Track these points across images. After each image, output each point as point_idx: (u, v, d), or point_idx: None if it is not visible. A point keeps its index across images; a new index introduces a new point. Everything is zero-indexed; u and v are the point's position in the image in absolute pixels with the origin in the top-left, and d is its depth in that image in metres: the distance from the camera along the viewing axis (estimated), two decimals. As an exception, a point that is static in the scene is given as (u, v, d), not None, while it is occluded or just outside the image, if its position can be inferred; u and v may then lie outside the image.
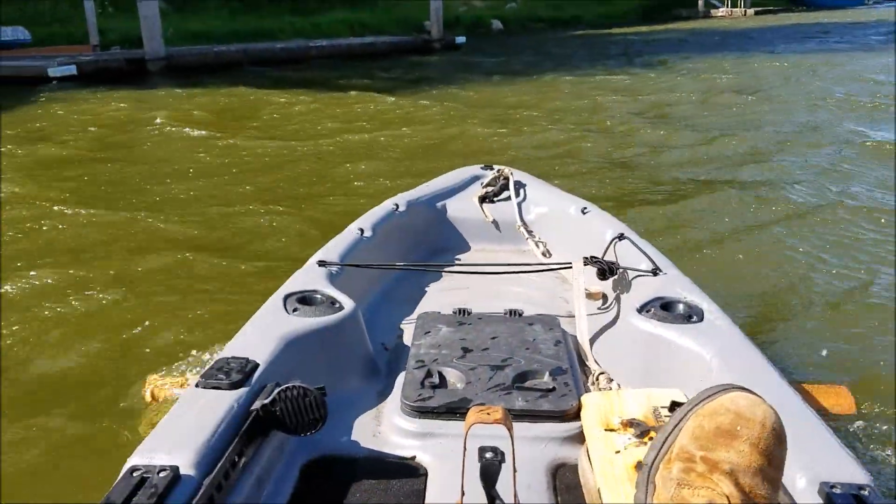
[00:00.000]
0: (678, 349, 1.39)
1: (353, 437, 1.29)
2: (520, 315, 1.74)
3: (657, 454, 0.91)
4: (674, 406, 1.12)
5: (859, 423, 2.09)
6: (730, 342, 1.37)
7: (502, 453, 1.04)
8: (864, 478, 0.94)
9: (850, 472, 0.96)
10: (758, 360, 1.30)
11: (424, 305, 1.90)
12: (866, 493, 0.90)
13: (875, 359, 2.68)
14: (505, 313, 1.75)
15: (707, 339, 1.38)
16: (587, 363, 1.57)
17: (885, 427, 2.20)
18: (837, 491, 0.91)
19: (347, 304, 1.54)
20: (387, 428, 1.31)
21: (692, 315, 1.48)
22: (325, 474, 1.19)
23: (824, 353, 2.74)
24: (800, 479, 0.95)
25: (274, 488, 1.14)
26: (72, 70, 12.24)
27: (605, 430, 1.21)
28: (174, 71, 13.63)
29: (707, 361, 1.32)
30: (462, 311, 1.75)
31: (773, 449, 0.86)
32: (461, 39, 19.74)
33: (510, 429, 1.02)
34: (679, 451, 0.89)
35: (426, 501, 1.11)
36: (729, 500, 0.82)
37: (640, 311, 1.51)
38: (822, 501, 0.91)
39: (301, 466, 1.21)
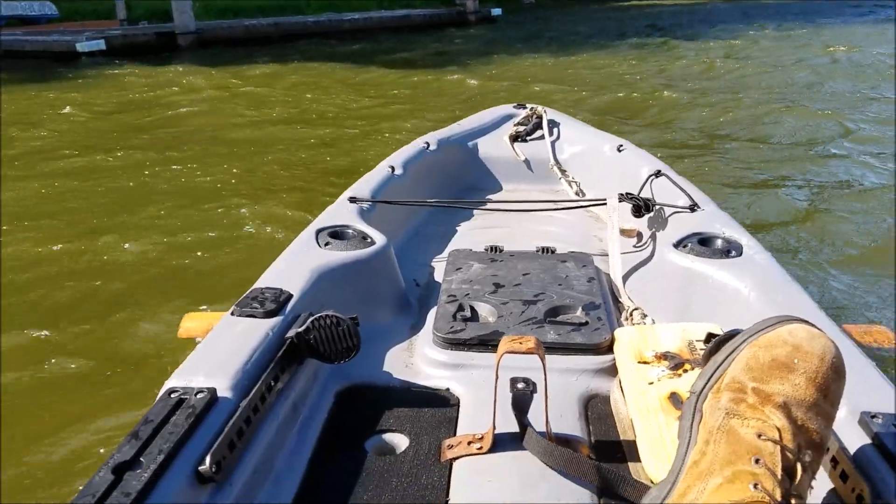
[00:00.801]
0: (715, 284, 1.37)
1: (385, 368, 1.30)
2: (552, 252, 1.72)
3: (706, 382, 0.89)
4: (709, 338, 1.10)
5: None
6: (769, 277, 1.34)
7: (534, 384, 1.04)
8: None
9: (892, 402, 0.94)
10: (797, 295, 1.26)
11: (456, 243, 1.89)
12: None
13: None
14: (537, 250, 1.74)
15: (745, 273, 1.35)
16: (621, 299, 1.56)
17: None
18: (879, 421, 0.89)
19: (379, 238, 1.53)
20: (419, 359, 1.32)
21: (730, 250, 1.44)
22: (358, 402, 1.20)
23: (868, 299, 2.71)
24: (840, 409, 0.93)
25: (309, 413, 1.16)
26: (100, 45, 12.12)
27: (639, 362, 1.20)
28: (204, 45, 13.48)
29: (745, 296, 1.29)
30: (494, 249, 1.74)
31: (831, 383, 0.84)
32: (497, 11, 19.17)
33: (542, 358, 1.01)
34: (730, 381, 0.87)
35: (458, 429, 1.12)
36: (780, 433, 0.80)
37: (676, 246, 1.48)
38: (862, 431, 0.89)
39: (335, 393, 1.22)
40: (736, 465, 0.79)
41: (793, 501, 0.76)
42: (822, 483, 0.90)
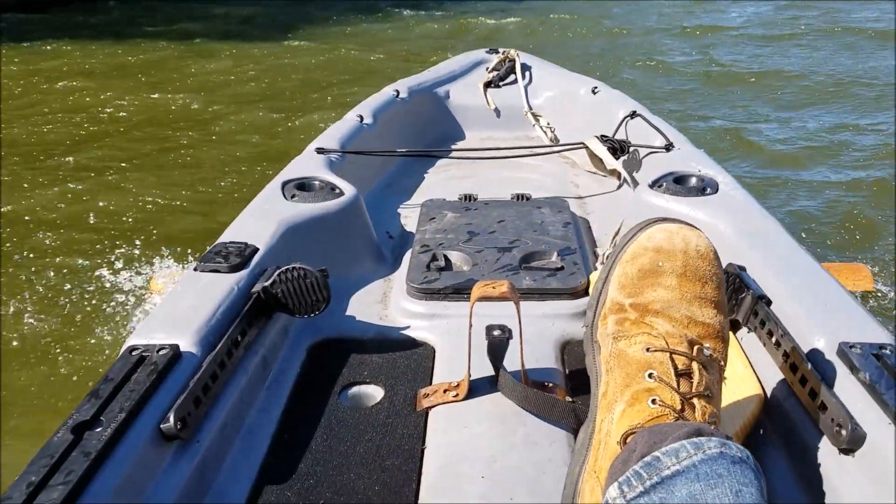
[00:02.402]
0: (692, 222, 1.34)
1: (358, 320, 1.27)
2: (527, 199, 1.69)
3: (594, 313, 0.87)
4: None
5: (878, 298, 2.08)
6: (745, 213, 1.31)
7: (510, 330, 1.02)
8: (885, 337, 0.91)
9: (870, 332, 0.92)
10: (774, 229, 1.24)
11: (428, 193, 1.85)
12: (887, 351, 0.87)
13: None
14: (512, 198, 1.70)
15: (722, 211, 1.33)
16: (597, 243, 1.53)
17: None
18: (857, 351, 0.88)
19: (348, 190, 1.49)
20: (393, 310, 1.29)
21: (706, 188, 1.42)
22: (331, 355, 1.17)
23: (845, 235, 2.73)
24: (818, 340, 0.92)
25: (280, 369, 1.13)
26: None
27: None
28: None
29: (722, 233, 1.27)
30: (468, 197, 1.70)
31: (704, 271, 0.82)
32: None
33: (517, 302, 0.99)
34: (611, 305, 0.85)
35: (434, 379, 1.10)
36: (666, 340, 0.78)
37: (651, 186, 1.45)
38: (840, 362, 0.88)
39: (307, 348, 1.19)
40: (632, 386, 0.78)
41: (696, 401, 0.75)
42: (802, 415, 0.89)
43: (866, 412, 0.80)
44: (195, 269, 1.14)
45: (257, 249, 1.20)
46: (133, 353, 0.91)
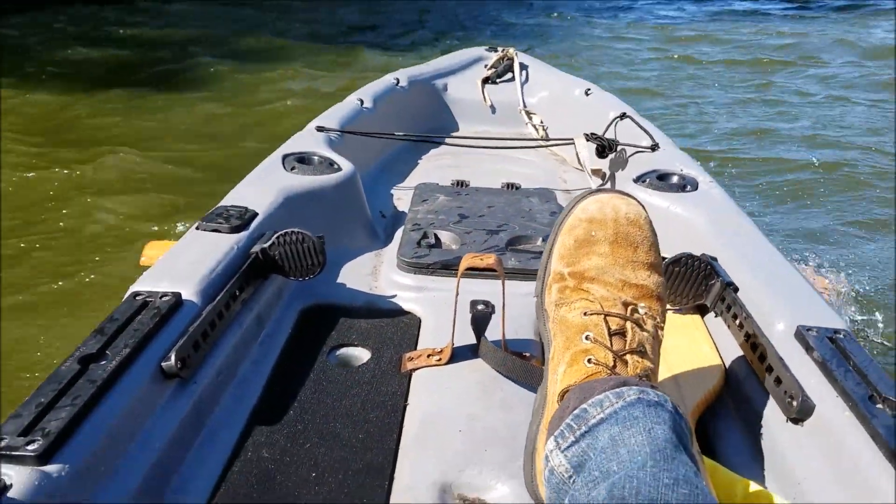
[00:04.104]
0: (671, 216, 1.42)
1: (349, 288, 1.33)
2: (517, 188, 1.76)
3: (541, 283, 0.93)
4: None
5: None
6: (721, 210, 1.39)
7: (493, 306, 1.08)
8: (840, 323, 0.98)
9: (827, 319, 1.00)
10: (747, 225, 1.32)
11: (422, 178, 1.91)
12: (841, 336, 0.94)
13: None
14: (503, 186, 1.77)
15: (700, 207, 1.40)
16: None
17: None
18: (813, 334, 0.95)
19: (346, 166, 1.55)
20: (383, 282, 1.35)
21: (686, 185, 1.49)
22: (322, 319, 1.23)
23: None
24: (778, 324, 0.99)
25: (273, 328, 1.19)
26: None
27: None
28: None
29: (699, 227, 1.35)
30: (460, 183, 1.77)
31: (636, 236, 0.87)
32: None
33: (502, 275, 1.05)
34: (553, 275, 0.90)
35: (419, 346, 1.16)
36: (601, 303, 0.84)
37: (635, 181, 1.53)
38: (798, 343, 0.95)
39: (300, 310, 1.25)
40: (571, 348, 0.83)
41: (628, 357, 0.80)
42: (759, 389, 0.96)
43: (817, 387, 0.87)
44: (197, 228, 1.20)
45: (256, 214, 1.26)
46: (137, 298, 0.97)
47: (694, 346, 1.08)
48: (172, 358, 0.88)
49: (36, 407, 0.73)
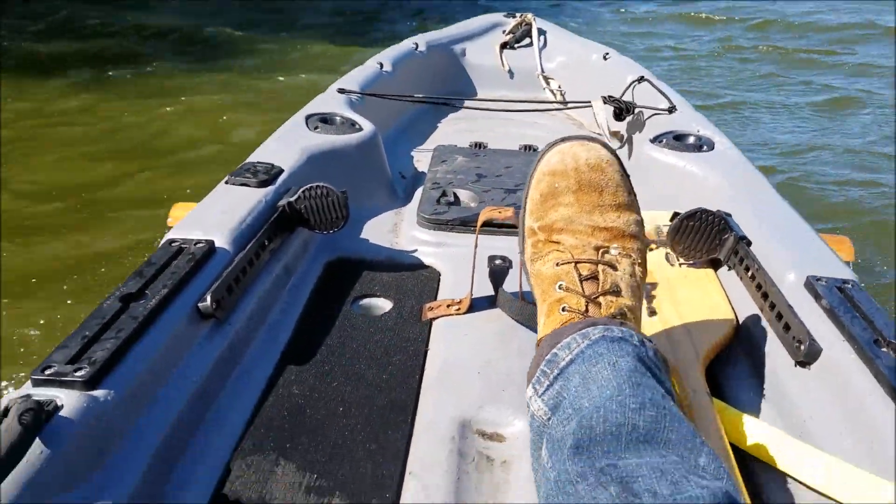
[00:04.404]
0: (687, 176, 1.44)
1: (372, 243, 1.37)
2: (534, 150, 1.79)
3: (521, 246, 0.94)
4: (674, 217, 1.18)
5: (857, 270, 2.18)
6: (736, 169, 1.41)
7: (510, 260, 1.12)
8: (849, 274, 1.01)
9: (837, 270, 1.02)
10: (761, 184, 1.34)
11: (440, 140, 1.94)
12: (850, 286, 0.97)
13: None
14: (520, 148, 1.80)
15: (716, 166, 1.42)
16: None
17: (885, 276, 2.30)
18: (822, 283, 0.98)
19: (367, 126, 1.58)
20: (403, 239, 1.39)
21: (703, 146, 1.51)
22: (345, 272, 1.28)
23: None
24: (789, 275, 1.02)
25: (300, 279, 1.23)
26: None
27: None
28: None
29: (714, 187, 1.37)
30: (478, 145, 1.80)
31: (599, 180, 0.87)
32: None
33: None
34: (527, 231, 0.91)
35: (438, 297, 1.20)
36: (571, 252, 0.85)
37: (652, 141, 1.55)
38: (807, 293, 0.98)
39: (324, 263, 1.30)
40: (547, 299, 0.85)
41: (601, 299, 0.81)
42: (768, 336, 1.00)
43: (825, 332, 0.91)
44: (226, 182, 1.24)
45: (282, 170, 1.30)
46: (172, 245, 1.01)
47: (706, 297, 1.12)
48: (208, 299, 0.93)
49: (82, 339, 0.78)
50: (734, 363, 1.03)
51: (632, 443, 0.63)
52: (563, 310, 0.82)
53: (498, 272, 1.12)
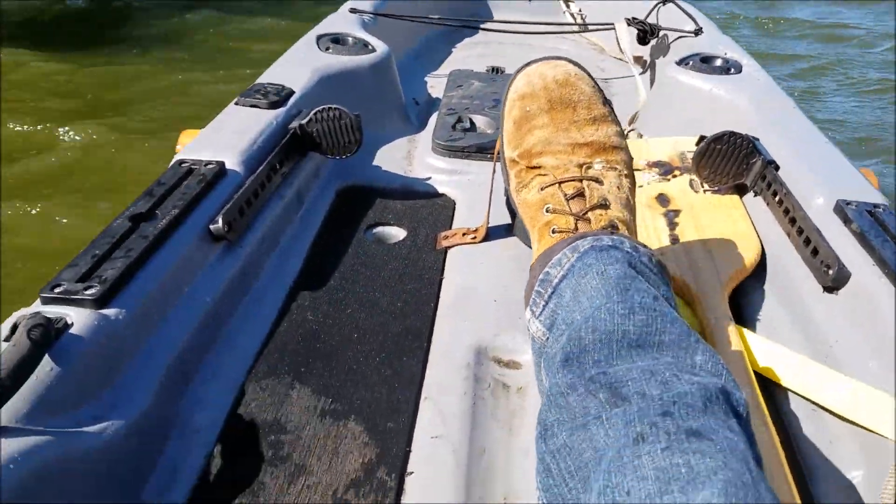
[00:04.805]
0: (713, 98, 1.38)
1: (385, 170, 1.34)
2: None
3: (506, 181, 0.91)
4: (700, 141, 1.14)
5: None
6: (764, 92, 1.35)
7: None
8: (880, 198, 0.97)
9: (867, 194, 0.98)
10: (790, 107, 1.29)
11: (456, 65, 1.88)
12: (881, 209, 0.93)
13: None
14: None
15: (743, 89, 1.36)
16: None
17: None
18: (853, 207, 0.94)
19: (380, 47, 1.53)
20: (418, 166, 1.35)
21: (730, 68, 1.45)
22: (358, 199, 1.25)
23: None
24: (817, 199, 0.99)
25: (312, 205, 1.21)
26: None
27: None
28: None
29: (742, 110, 1.32)
30: (495, 70, 1.74)
31: (570, 95, 0.84)
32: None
33: None
34: (508, 162, 0.89)
35: (454, 225, 1.17)
36: (553, 172, 0.83)
37: (678, 63, 1.49)
38: (837, 217, 0.95)
39: (337, 190, 1.27)
40: (537, 225, 0.83)
41: (590, 215, 0.79)
42: (795, 261, 0.97)
43: (854, 256, 0.87)
44: (235, 104, 1.20)
45: (293, 92, 1.26)
46: (182, 165, 0.99)
47: (731, 223, 1.08)
48: (220, 221, 0.91)
49: (91, 258, 0.76)
50: (759, 290, 1.01)
51: (623, 349, 0.61)
52: (553, 232, 0.80)
53: None
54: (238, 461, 0.73)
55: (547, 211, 0.82)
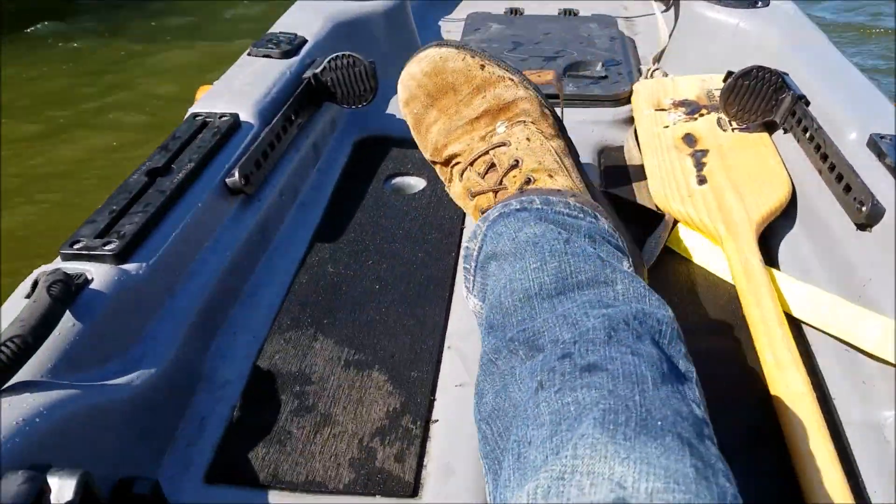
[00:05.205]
0: (740, 33, 1.33)
1: (402, 121, 1.31)
2: (575, 14, 1.67)
3: (445, 175, 0.92)
4: (727, 77, 1.09)
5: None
6: (793, 25, 1.30)
7: None
8: None
9: None
10: (820, 39, 1.23)
11: (473, 7, 1.83)
12: None
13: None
14: (559, 13, 1.69)
15: (772, 23, 1.31)
16: (641, 61, 1.53)
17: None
18: (887, 141, 0.90)
19: None
20: None
21: (757, 1, 1.39)
22: (376, 150, 1.23)
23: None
24: (850, 134, 0.95)
25: (329, 157, 1.19)
26: None
27: (656, 110, 1.20)
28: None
29: (769, 42, 1.26)
30: (514, 11, 1.69)
31: (444, 81, 0.83)
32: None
33: (560, 91, 1.02)
34: (434, 168, 0.91)
35: None
36: (464, 157, 0.83)
37: None
38: (870, 151, 0.91)
39: (354, 142, 1.25)
40: (470, 212, 0.85)
41: (505, 181, 0.79)
42: (827, 198, 0.93)
43: (888, 192, 0.84)
44: (248, 54, 1.18)
45: (306, 40, 1.23)
46: (196, 119, 0.97)
47: (760, 162, 1.05)
48: (236, 174, 0.90)
49: (109, 213, 0.76)
50: (790, 229, 0.98)
51: (543, 300, 0.59)
52: (482, 212, 0.79)
53: None
54: (264, 412, 0.73)
55: (472, 196, 0.82)
